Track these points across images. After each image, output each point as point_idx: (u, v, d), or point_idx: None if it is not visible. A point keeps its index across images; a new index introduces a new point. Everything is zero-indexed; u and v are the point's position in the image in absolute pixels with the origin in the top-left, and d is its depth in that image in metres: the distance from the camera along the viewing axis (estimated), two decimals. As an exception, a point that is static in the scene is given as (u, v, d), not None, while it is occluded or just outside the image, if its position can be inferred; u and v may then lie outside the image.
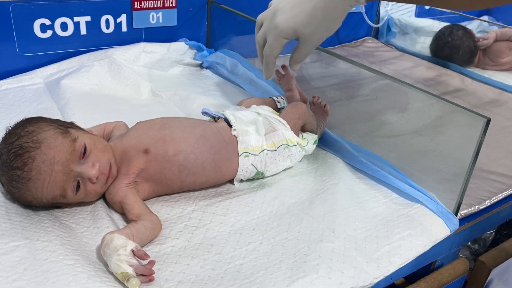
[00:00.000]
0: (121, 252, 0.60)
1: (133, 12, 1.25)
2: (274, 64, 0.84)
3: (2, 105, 1.02)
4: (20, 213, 0.70)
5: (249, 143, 0.81)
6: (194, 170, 0.77)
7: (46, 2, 1.12)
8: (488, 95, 1.41)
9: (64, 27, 1.17)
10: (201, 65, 1.36)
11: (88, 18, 1.19)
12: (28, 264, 0.60)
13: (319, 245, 0.69)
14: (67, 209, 0.73)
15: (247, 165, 0.81)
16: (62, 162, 0.67)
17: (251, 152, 0.81)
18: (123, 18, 1.25)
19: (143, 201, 0.74)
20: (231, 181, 0.83)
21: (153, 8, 1.27)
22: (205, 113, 0.86)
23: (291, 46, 0.82)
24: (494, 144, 1.09)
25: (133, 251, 0.62)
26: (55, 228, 0.68)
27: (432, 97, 0.81)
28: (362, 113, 1.03)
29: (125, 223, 0.72)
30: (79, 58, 1.20)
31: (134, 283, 0.59)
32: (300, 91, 1.01)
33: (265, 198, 0.80)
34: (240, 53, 1.27)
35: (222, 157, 0.79)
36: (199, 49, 1.36)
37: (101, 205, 0.75)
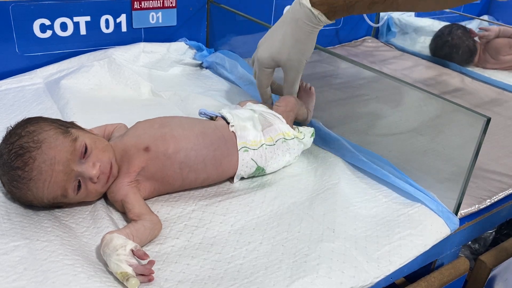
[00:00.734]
0: (120, 252, 0.60)
1: (133, 12, 1.25)
2: (266, 93, 0.95)
3: (2, 105, 1.02)
4: (20, 213, 0.70)
5: (247, 137, 0.82)
6: (195, 167, 0.77)
7: (45, 2, 1.12)
8: (488, 95, 1.41)
9: (63, 27, 1.17)
10: (201, 65, 1.36)
11: (87, 18, 1.19)
12: (28, 264, 0.60)
13: (319, 245, 0.69)
14: (67, 209, 0.73)
15: (247, 160, 0.81)
16: (63, 162, 0.67)
17: (250, 146, 0.81)
18: (122, 18, 1.25)
19: (145, 200, 0.74)
20: (232, 180, 0.83)
21: (153, 8, 1.27)
22: (202, 113, 0.87)
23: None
24: (494, 143, 1.09)
25: (132, 251, 0.62)
26: (55, 228, 0.68)
27: (432, 96, 0.81)
28: (362, 113, 1.03)
29: (125, 223, 0.72)
30: (78, 58, 1.20)
31: (133, 283, 0.59)
32: (309, 111, 0.99)
33: (265, 197, 0.79)
34: (240, 53, 1.27)
35: (222, 153, 0.79)
36: (199, 49, 1.36)
37: (101, 205, 0.75)
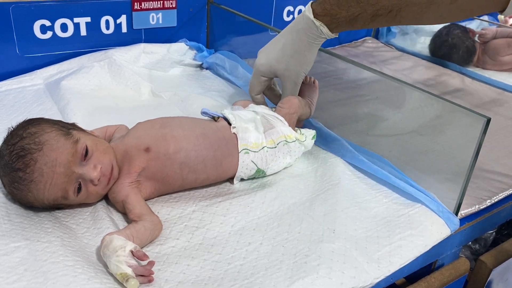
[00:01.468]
0: (120, 253, 0.60)
1: (133, 13, 1.25)
2: (257, 98, 0.95)
3: (2, 106, 1.02)
4: (20, 214, 0.70)
5: (248, 140, 0.82)
6: (195, 167, 0.77)
7: (46, 3, 1.12)
8: (488, 95, 1.41)
9: (64, 28, 1.17)
10: (201, 66, 1.36)
11: (88, 19, 1.19)
12: (28, 265, 0.60)
13: (320, 245, 0.69)
14: (67, 210, 0.73)
15: (247, 162, 0.81)
16: (64, 164, 0.67)
17: (251, 149, 0.81)
18: (123, 19, 1.25)
19: (146, 200, 0.74)
20: (232, 181, 0.83)
21: (153, 9, 1.28)
22: (204, 113, 0.87)
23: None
24: (494, 143, 1.09)
25: (132, 251, 0.62)
26: (56, 229, 0.68)
27: (432, 97, 0.81)
28: (362, 113, 1.03)
29: (125, 223, 0.72)
30: (79, 59, 1.20)
31: (133, 283, 0.59)
32: (312, 105, 0.99)
33: (266, 198, 0.79)
34: (240, 53, 1.27)
35: (223, 154, 0.79)
36: (199, 50, 1.36)
37: (101, 206, 0.75)
